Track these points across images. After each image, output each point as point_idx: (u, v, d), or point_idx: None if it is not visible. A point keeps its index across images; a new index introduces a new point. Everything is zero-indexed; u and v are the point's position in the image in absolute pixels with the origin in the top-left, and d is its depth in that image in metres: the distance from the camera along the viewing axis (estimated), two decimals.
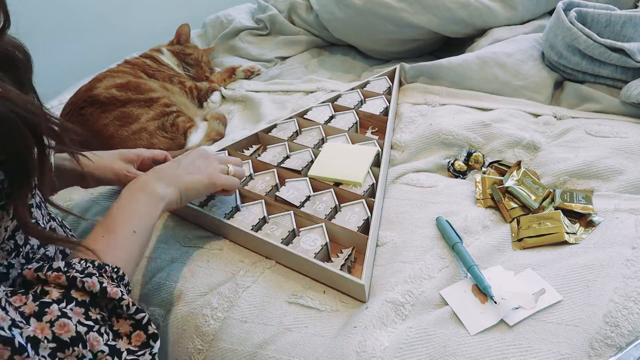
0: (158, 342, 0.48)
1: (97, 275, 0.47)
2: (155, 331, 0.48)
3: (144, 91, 1.03)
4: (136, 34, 1.84)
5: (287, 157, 0.87)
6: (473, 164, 0.84)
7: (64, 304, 0.44)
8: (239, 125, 1.09)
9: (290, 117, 0.98)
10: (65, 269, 0.46)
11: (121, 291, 0.47)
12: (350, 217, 0.72)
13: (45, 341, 0.40)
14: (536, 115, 0.93)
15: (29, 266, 0.47)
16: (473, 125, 0.89)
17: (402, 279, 0.63)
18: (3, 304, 0.39)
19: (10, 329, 0.38)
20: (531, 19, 1.22)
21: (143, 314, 0.48)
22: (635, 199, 0.70)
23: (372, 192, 0.79)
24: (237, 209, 0.76)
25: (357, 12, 1.22)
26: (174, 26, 1.31)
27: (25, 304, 0.42)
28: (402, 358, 0.54)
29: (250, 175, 0.84)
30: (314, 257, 0.65)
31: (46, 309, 0.42)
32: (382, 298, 0.61)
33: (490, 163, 0.84)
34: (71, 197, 0.88)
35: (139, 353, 0.46)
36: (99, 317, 0.45)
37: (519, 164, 0.78)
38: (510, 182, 0.74)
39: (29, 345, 0.38)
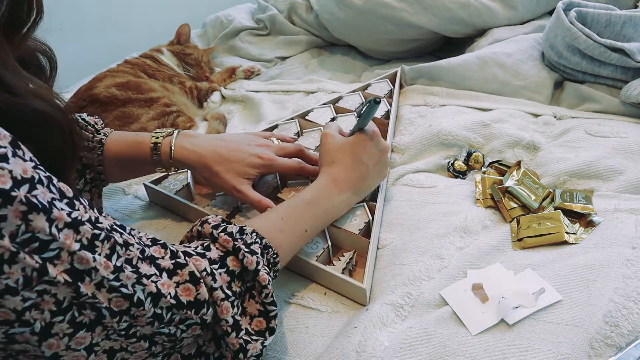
0: (272, 338, 0.50)
1: (259, 254, 0.50)
2: (275, 327, 0.50)
3: (144, 91, 1.03)
4: (136, 34, 1.83)
5: None
6: (473, 164, 0.84)
7: (216, 266, 0.47)
8: (239, 126, 1.09)
9: (292, 118, 0.98)
10: (237, 235, 0.50)
11: (269, 279, 0.50)
12: (352, 220, 0.72)
13: (169, 296, 0.42)
14: (536, 115, 0.93)
15: (210, 220, 0.52)
16: (473, 126, 0.89)
17: (402, 282, 0.63)
18: (135, 262, 0.41)
19: (133, 286, 0.40)
20: (531, 19, 1.22)
21: (274, 308, 0.50)
22: (635, 199, 0.70)
23: (373, 195, 0.78)
24: (237, 210, 0.76)
25: (357, 12, 1.22)
26: (174, 26, 1.31)
27: (162, 257, 0.44)
28: (402, 358, 0.54)
29: None
30: (316, 260, 0.65)
31: (178, 270, 0.44)
32: (382, 301, 0.61)
33: (490, 163, 0.84)
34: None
35: (253, 337, 0.48)
36: (238, 290, 0.48)
37: (519, 164, 0.78)
38: (510, 182, 0.74)
39: (148, 299, 0.40)
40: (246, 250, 0.49)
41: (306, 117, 0.99)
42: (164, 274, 0.43)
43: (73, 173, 0.50)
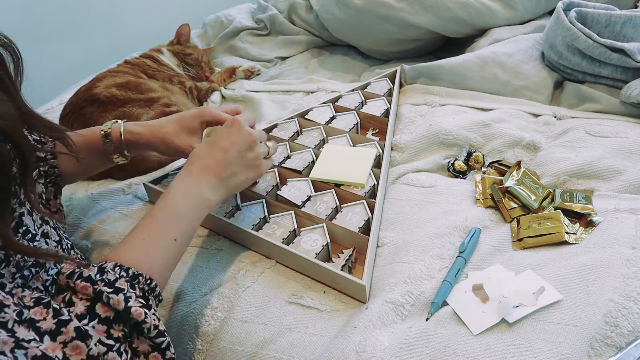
0: None
1: (129, 286, 0.47)
2: (173, 356, 0.48)
3: (144, 91, 1.03)
4: (136, 34, 1.84)
5: (288, 157, 0.88)
6: (473, 164, 0.84)
7: (86, 320, 0.44)
8: None
9: (291, 117, 0.98)
10: (97, 276, 0.46)
11: (145, 312, 0.47)
12: (351, 218, 0.72)
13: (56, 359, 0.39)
14: (536, 115, 0.93)
15: (63, 269, 0.47)
16: (473, 125, 0.89)
17: (402, 280, 0.63)
18: (10, 326, 0.38)
19: (12, 351, 0.37)
20: (531, 19, 1.22)
21: (163, 339, 0.47)
22: (635, 199, 0.70)
23: (373, 193, 0.79)
24: (237, 208, 0.76)
25: (357, 12, 1.22)
26: (174, 26, 1.31)
27: (44, 318, 0.41)
28: (402, 358, 0.54)
29: None
30: (315, 258, 0.65)
31: (62, 328, 0.41)
32: (382, 298, 0.61)
33: (490, 163, 0.84)
34: (71, 197, 0.88)
35: None
36: (120, 334, 0.45)
37: (519, 164, 0.78)
38: (510, 182, 0.74)
39: None
40: (109, 290, 0.45)
41: (306, 116, 0.99)
42: (46, 338, 0.40)
43: (29, 179, 0.48)
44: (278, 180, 0.81)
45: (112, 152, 0.73)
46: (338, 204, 0.75)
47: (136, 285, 0.48)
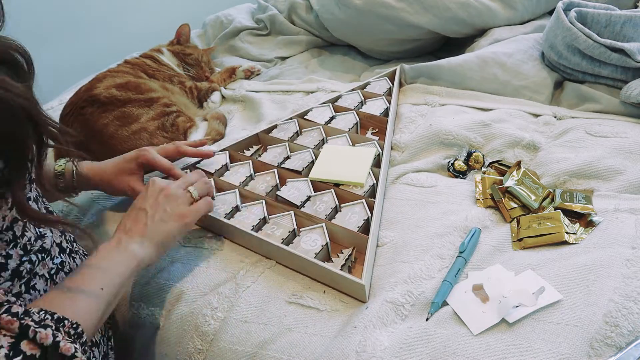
0: None
1: (54, 328, 0.45)
2: None
3: (144, 91, 1.03)
4: (136, 34, 1.83)
5: (288, 157, 0.88)
6: (473, 164, 0.84)
7: (9, 357, 0.41)
8: (239, 126, 1.09)
9: (291, 118, 0.98)
10: (22, 315, 0.44)
11: (75, 348, 0.45)
12: (351, 217, 0.72)
13: None
14: (536, 115, 0.93)
15: None
16: (473, 125, 0.89)
17: (402, 279, 0.63)
18: None
19: None
20: (531, 19, 1.22)
21: None
22: (635, 199, 0.70)
23: (372, 192, 0.79)
24: (237, 209, 0.76)
25: (357, 12, 1.22)
26: (174, 26, 1.31)
27: None
28: (402, 358, 0.54)
29: (251, 175, 0.84)
30: (314, 257, 0.65)
31: None
32: (382, 298, 0.61)
33: (490, 163, 0.84)
34: (71, 197, 0.88)
35: None
36: None
37: (519, 164, 0.78)
38: (510, 182, 0.74)
39: None
40: (36, 325, 0.43)
41: (305, 117, 0.99)
42: None
43: (27, 175, 0.50)
44: (278, 181, 0.81)
45: (62, 189, 0.75)
46: (337, 203, 0.75)
47: (61, 329, 0.46)
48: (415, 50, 1.29)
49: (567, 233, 0.66)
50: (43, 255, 0.54)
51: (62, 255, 0.57)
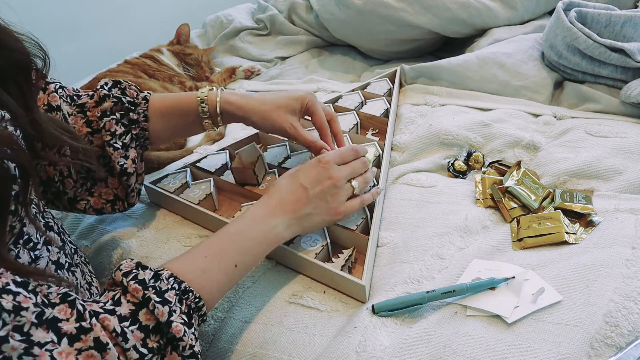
0: None
1: (177, 300, 0.47)
2: None
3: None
4: (136, 34, 1.84)
5: (288, 157, 0.87)
6: (473, 164, 0.84)
7: (127, 323, 0.44)
8: (239, 125, 1.09)
9: None
10: (151, 281, 0.47)
11: (185, 330, 0.46)
12: (349, 216, 0.72)
13: None
14: (536, 115, 0.93)
15: (122, 266, 0.48)
16: (473, 125, 0.89)
17: (402, 280, 0.63)
18: (26, 329, 0.37)
19: (20, 357, 0.36)
20: (531, 19, 1.22)
21: None
22: (635, 199, 0.70)
23: None
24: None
25: (357, 12, 1.22)
26: (174, 26, 1.31)
27: (67, 319, 0.40)
28: (402, 358, 0.54)
29: None
30: (315, 258, 0.65)
31: (82, 335, 0.40)
32: (383, 299, 0.61)
33: (490, 163, 0.84)
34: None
35: None
36: (155, 345, 0.45)
37: (519, 164, 0.78)
38: (510, 182, 0.74)
39: None
40: (157, 300, 0.46)
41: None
42: (64, 340, 0.39)
43: (29, 197, 0.47)
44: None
45: (204, 119, 0.73)
46: None
47: (184, 301, 0.48)
48: (415, 50, 1.29)
49: (567, 233, 0.66)
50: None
51: (59, 271, 0.54)
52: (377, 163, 0.84)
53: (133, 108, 0.71)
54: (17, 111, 0.48)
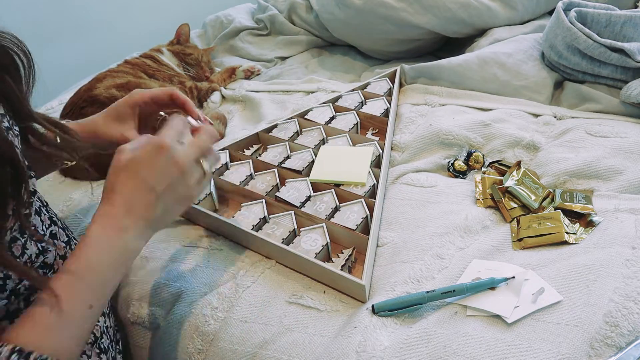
0: None
1: None
2: None
3: None
4: (136, 34, 1.84)
5: (288, 157, 0.88)
6: (473, 164, 0.84)
7: None
8: (239, 125, 1.09)
9: (291, 118, 0.98)
10: None
11: None
12: (349, 216, 0.72)
13: None
14: (536, 115, 0.93)
15: None
16: (473, 125, 0.89)
17: (402, 279, 0.63)
18: None
19: None
20: (531, 19, 1.22)
21: None
22: (635, 199, 0.70)
23: (373, 192, 0.79)
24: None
25: (357, 12, 1.22)
26: (174, 26, 1.31)
27: None
28: (402, 358, 0.54)
29: (251, 174, 0.84)
30: (315, 257, 0.65)
31: None
32: (383, 299, 0.61)
33: (490, 163, 0.84)
34: (71, 197, 0.88)
35: None
36: None
37: (519, 164, 0.78)
38: (510, 182, 0.74)
39: None
40: None
41: (305, 117, 0.99)
42: None
43: (23, 197, 0.44)
44: (278, 181, 0.81)
45: (52, 153, 0.64)
46: (338, 203, 0.75)
47: None
48: (415, 50, 1.29)
49: (567, 233, 0.66)
50: (45, 270, 0.51)
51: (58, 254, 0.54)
52: (377, 163, 0.84)
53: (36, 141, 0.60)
54: (12, 104, 0.48)
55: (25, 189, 0.44)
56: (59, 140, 0.58)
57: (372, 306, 0.59)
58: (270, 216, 0.74)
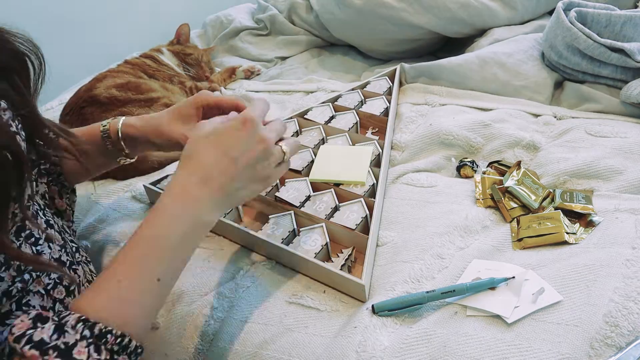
0: None
1: (93, 349, 0.39)
2: None
3: (144, 91, 1.03)
4: (136, 34, 1.83)
5: None
6: (463, 178, 0.83)
7: None
8: None
9: (291, 117, 0.98)
10: (53, 337, 0.38)
11: None
12: (349, 216, 0.72)
13: None
14: (536, 115, 0.93)
15: (14, 330, 0.39)
16: (473, 125, 0.89)
17: (402, 279, 0.63)
18: None
19: None
20: (531, 19, 1.22)
21: None
22: (635, 199, 0.70)
23: (372, 192, 0.79)
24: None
25: (357, 12, 1.22)
26: (174, 26, 1.31)
27: None
28: (402, 358, 0.54)
29: None
30: (314, 257, 0.65)
31: None
32: (382, 298, 0.61)
33: (490, 163, 0.84)
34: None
35: None
36: None
37: (519, 164, 0.78)
38: (510, 182, 0.74)
39: None
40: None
41: (305, 116, 0.99)
42: None
43: (26, 193, 0.45)
44: (277, 181, 0.81)
45: (112, 150, 0.70)
46: (337, 203, 0.75)
47: (102, 347, 0.40)
48: (416, 50, 1.29)
49: (567, 233, 0.66)
50: (38, 273, 0.49)
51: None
52: (377, 162, 0.84)
53: (42, 142, 0.62)
54: (16, 102, 0.48)
55: (29, 183, 0.44)
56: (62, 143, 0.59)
57: (372, 306, 0.59)
58: (270, 216, 0.74)
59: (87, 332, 0.40)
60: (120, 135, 0.68)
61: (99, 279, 0.44)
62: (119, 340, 0.41)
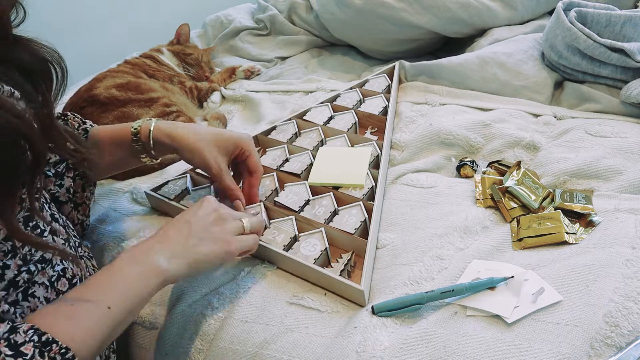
0: None
1: (37, 353, 0.42)
2: None
3: (144, 91, 1.03)
4: (136, 34, 1.84)
5: (287, 160, 0.87)
6: (463, 177, 0.83)
7: None
8: (239, 126, 1.09)
9: (290, 119, 0.98)
10: (6, 334, 0.42)
11: None
12: (348, 220, 0.71)
13: None
14: (536, 115, 0.93)
15: None
16: (473, 125, 0.89)
17: (402, 282, 0.63)
18: None
19: None
20: (531, 19, 1.22)
21: None
22: (635, 199, 0.70)
23: (371, 194, 0.78)
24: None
25: (357, 12, 1.22)
26: (174, 26, 1.31)
27: None
28: (402, 358, 0.54)
29: None
30: (314, 263, 0.65)
31: None
32: (383, 300, 0.61)
33: (490, 163, 0.84)
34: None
35: None
36: None
37: (519, 164, 0.78)
38: (510, 182, 0.74)
39: None
40: (9, 353, 0.41)
41: (304, 117, 0.99)
42: None
43: (36, 184, 0.47)
44: (277, 185, 0.81)
45: (139, 151, 0.72)
46: (337, 207, 0.75)
47: (45, 354, 0.42)
48: (415, 50, 1.29)
49: (567, 233, 0.66)
50: (43, 265, 0.53)
51: (64, 262, 0.56)
52: (376, 163, 0.84)
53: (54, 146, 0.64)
54: (37, 101, 0.51)
55: (40, 169, 0.47)
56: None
57: (372, 307, 0.59)
58: (271, 221, 0.73)
59: (35, 337, 0.43)
60: (151, 137, 0.71)
61: (56, 301, 0.50)
62: (62, 351, 0.44)
